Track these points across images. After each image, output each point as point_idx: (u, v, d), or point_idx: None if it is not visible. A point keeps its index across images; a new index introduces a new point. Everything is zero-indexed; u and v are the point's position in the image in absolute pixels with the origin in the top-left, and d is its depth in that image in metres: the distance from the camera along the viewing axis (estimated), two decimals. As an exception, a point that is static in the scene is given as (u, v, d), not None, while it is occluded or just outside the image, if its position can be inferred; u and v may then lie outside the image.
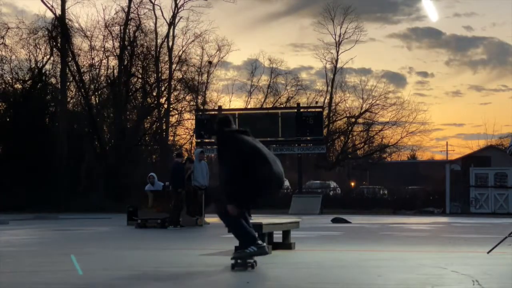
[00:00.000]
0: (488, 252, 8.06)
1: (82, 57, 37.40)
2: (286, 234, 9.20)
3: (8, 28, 35.62)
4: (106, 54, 37.99)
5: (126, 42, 37.72)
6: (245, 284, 5.48)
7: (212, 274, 6.30)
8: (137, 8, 38.16)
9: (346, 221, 19.01)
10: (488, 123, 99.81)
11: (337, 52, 46.58)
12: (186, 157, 18.69)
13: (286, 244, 9.04)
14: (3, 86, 35.43)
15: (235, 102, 49.56)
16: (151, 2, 39.37)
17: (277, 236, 9.18)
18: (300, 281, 5.72)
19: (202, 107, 37.93)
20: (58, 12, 35.67)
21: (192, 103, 40.46)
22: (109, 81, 38.00)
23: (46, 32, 35.53)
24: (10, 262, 7.74)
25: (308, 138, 28.89)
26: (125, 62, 37.96)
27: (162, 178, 18.58)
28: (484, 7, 77.01)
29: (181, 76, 40.24)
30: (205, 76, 44.10)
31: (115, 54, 37.89)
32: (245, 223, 6.59)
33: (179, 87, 40.27)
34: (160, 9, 40.55)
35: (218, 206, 6.97)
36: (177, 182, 16.13)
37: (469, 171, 27.84)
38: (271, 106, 43.98)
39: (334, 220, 19.47)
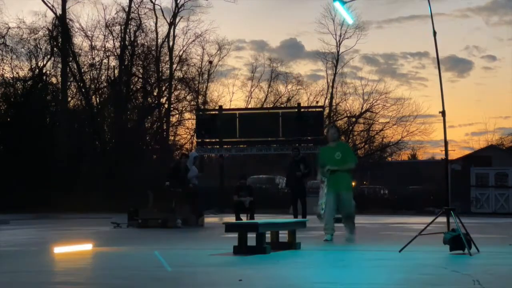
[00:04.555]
0: (399, 251, 8.07)
1: (83, 57, 37.50)
2: (291, 234, 9.16)
3: (9, 28, 35.66)
4: (107, 54, 38.05)
5: (126, 42, 37.75)
6: (245, 283, 5.47)
7: (213, 274, 6.29)
8: (137, 8, 38.23)
9: (346, 221, 18.96)
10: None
11: (338, 51, 46.59)
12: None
13: (289, 244, 9.00)
14: (4, 86, 35.43)
15: (236, 102, 49.60)
16: (152, 2, 39.41)
17: (281, 236, 9.17)
18: (300, 281, 5.71)
19: (202, 107, 37.94)
20: (59, 11, 35.69)
21: (192, 102, 40.49)
22: (109, 80, 38.01)
23: (47, 32, 35.56)
24: (10, 262, 7.73)
25: (309, 138, 28.88)
26: (126, 62, 37.98)
27: (162, 178, 18.57)
28: None
29: (181, 76, 40.27)
30: (205, 75, 44.15)
31: (115, 54, 37.92)
32: None
33: (179, 87, 40.30)
34: (161, 8, 40.55)
35: None
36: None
37: (469, 171, 27.85)
38: (271, 105, 43.98)
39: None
